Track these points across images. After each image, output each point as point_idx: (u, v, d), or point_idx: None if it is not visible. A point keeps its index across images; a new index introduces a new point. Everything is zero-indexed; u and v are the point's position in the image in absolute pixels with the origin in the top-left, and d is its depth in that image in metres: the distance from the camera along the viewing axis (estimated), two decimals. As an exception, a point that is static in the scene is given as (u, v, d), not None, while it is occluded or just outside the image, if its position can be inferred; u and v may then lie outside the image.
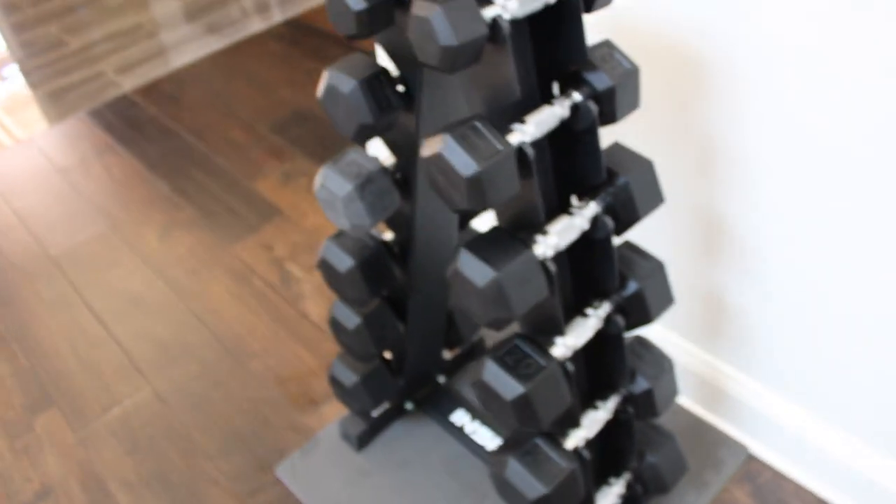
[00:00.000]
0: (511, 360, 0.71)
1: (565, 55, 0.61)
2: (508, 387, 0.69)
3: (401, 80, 0.70)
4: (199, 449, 1.18)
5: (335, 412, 1.21)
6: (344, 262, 0.84)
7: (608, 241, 0.72)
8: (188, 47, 2.21)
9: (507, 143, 0.58)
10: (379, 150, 0.81)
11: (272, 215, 1.60)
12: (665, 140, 0.94)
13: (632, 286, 0.77)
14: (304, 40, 2.19)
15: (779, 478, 1.07)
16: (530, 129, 0.62)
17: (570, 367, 0.74)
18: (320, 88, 0.69)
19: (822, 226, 0.86)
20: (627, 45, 0.80)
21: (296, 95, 1.96)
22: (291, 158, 1.75)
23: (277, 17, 2.29)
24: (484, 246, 0.65)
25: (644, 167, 0.71)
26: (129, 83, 2.10)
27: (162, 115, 1.95)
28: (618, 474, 0.93)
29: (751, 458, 1.09)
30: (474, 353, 1.25)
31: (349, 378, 1.05)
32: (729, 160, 0.90)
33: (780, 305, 0.97)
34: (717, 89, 0.86)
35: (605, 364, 0.82)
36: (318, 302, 1.40)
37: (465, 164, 0.56)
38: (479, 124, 0.58)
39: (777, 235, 0.91)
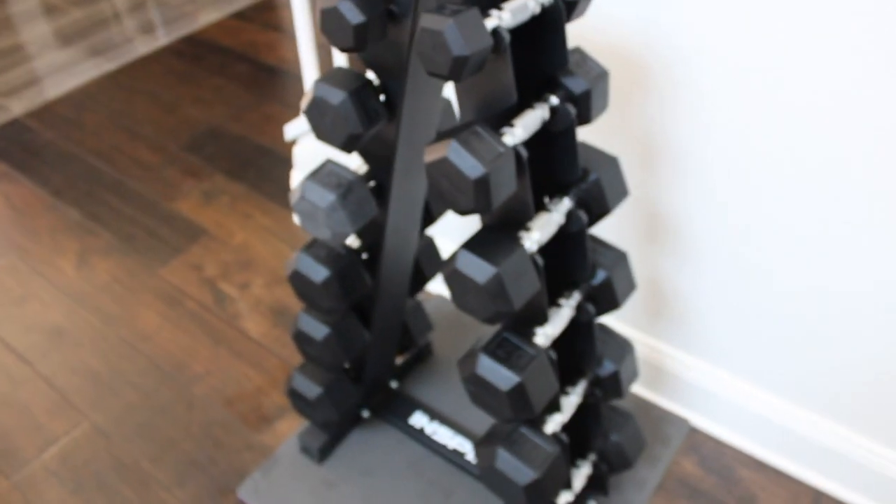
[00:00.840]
0: (502, 352, 0.75)
1: (548, 61, 0.66)
2: (503, 378, 0.73)
3: (382, 90, 0.72)
4: (152, 479, 1.15)
5: (290, 427, 1.20)
6: (319, 272, 0.85)
7: (582, 233, 0.77)
8: (75, 69, 2.12)
9: (505, 146, 0.62)
10: (351, 160, 0.82)
11: (197, 235, 1.56)
12: (609, 136, 1.01)
13: (600, 275, 0.83)
14: (207, 57, 2.14)
15: (720, 445, 1.16)
16: (519, 132, 0.66)
17: (553, 354, 0.79)
18: (305, 101, 0.70)
19: (751, 211, 0.95)
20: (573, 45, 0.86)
21: (205, 113, 1.92)
22: (210, 177, 1.71)
23: (164, 37, 2.22)
24: (480, 245, 0.68)
25: (611, 163, 0.77)
26: (18, 107, 1.99)
27: (61, 138, 1.86)
28: (584, 455, 0.99)
29: (693, 431, 1.18)
30: (422, 356, 1.28)
31: (312, 390, 1.05)
32: (668, 154, 0.98)
33: (712, 286, 1.05)
34: (657, 88, 0.93)
35: (576, 350, 0.87)
36: (257, 319, 1.38)
37: (471, 166, 0.59)
38: (479, 129, 0.62)
39: (709, 222, 1.00)
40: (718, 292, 1.06)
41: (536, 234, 0.72)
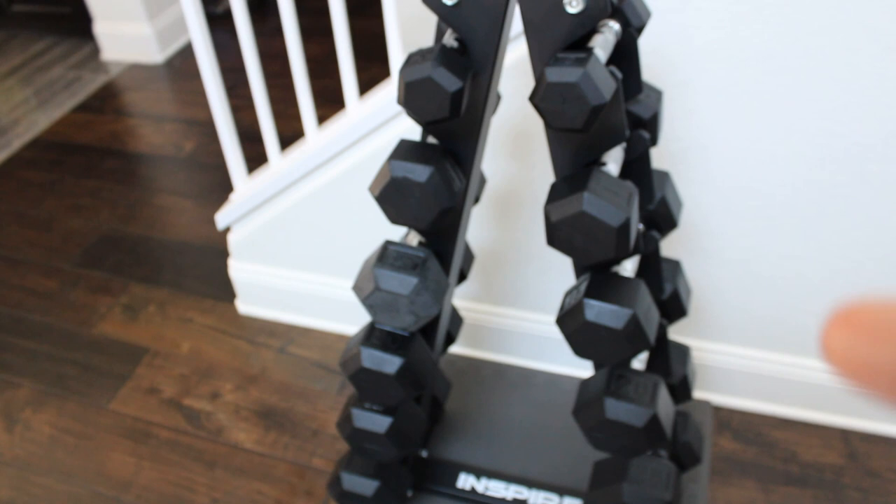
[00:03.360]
0: (624, 389, 0.73)
1: (626, 88, 0.65)
2: (636, 415, 0.71)
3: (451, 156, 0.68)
4: None
5: (332, 531, 1.11)
6: (392, 363, 0.78)
7: (657, 254, 0.77)
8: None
9: (628, 187, 0.60)
10: (411, 238, 0.77)
11: (138, 356, 1.40)
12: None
13: (668, 288, 0.83)
14: (66, 160, 1.93)
15: (746, 416, 1.20)
16: (613, 168, 0.65)
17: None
18: (378, 185, 0.64)
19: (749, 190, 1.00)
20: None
21: (90, 221, 1.73)
22: (124, 289, 1.54)
23: (4, 148, 1.98)
24: (600, 290, 0.66)
25: (666, 178, 0.78)
26: None
27: (-76, 289, 1.60)
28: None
29: (717, 410, 1.22)
30: (435, 417, 1.22)
31: (368, 486, 0.98)
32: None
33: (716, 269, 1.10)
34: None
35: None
36: (244, 427, 1.26)
37: (612, 215, 0.57)
38: (597, 173, 0.60)
39: (715, 210, 1.04)
40: (717, 272, 1.10)
41: (630, 265, 0.71)
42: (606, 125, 0.59)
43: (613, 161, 0.65)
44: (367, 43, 1.70)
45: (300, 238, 1.32)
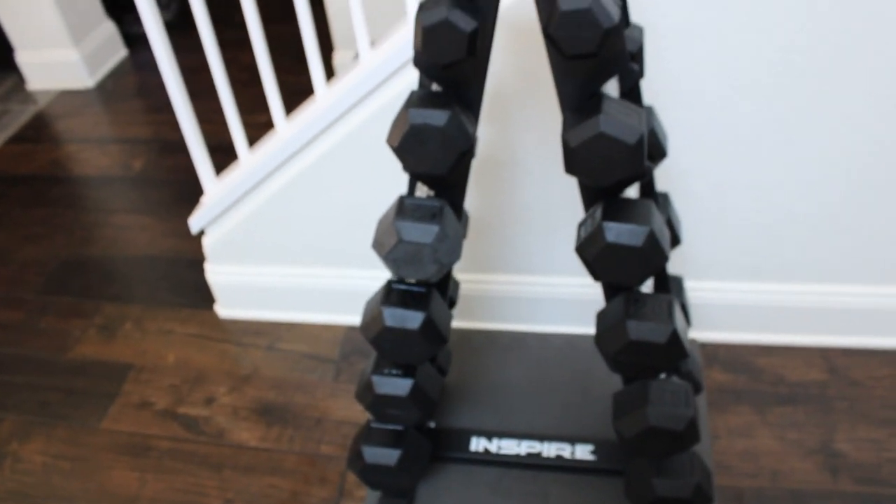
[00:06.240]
0: (642, 310, 0.76)
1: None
2: (658, 332, 0.75)
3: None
4: None
5: (354, 512, 1.11)
6: (415, 318, 0.80)
7: (651, 183, 0.81)
8: None
9: (635, 108, 0.64)
10: (419, 190, 0.79)
11: (123, 373, 1.37)
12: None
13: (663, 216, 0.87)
14: (8, 192, 1.87)
15: (730, 348, 1.26)
16: (615, 95, 0.68)
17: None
18: (397, 135, 0.66)
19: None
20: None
21: (46, 249, 1.68)
22: (96, 310, 1.51)
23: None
24: (616, 214, 0.69)
25: (651, 112, 0.82)
26: None
27: None
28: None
29: (703, 345, 1.28)
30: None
31: (391, 456, 0.98)
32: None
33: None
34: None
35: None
36: (246, 426, 1.25)
37: (629, 133, 0.61)
38: (607, 97, 0.63)
39: (683, 147, 1.09)
40: (689, 209, 1.16)
41: (632, 193, 0.75)
42: (613, 50, 0.62)
43: (612, 92, 0.69)
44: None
45: (277, 232, 1.32)
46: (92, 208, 1.79)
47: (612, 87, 0.74)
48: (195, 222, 1.34)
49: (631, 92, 0.74)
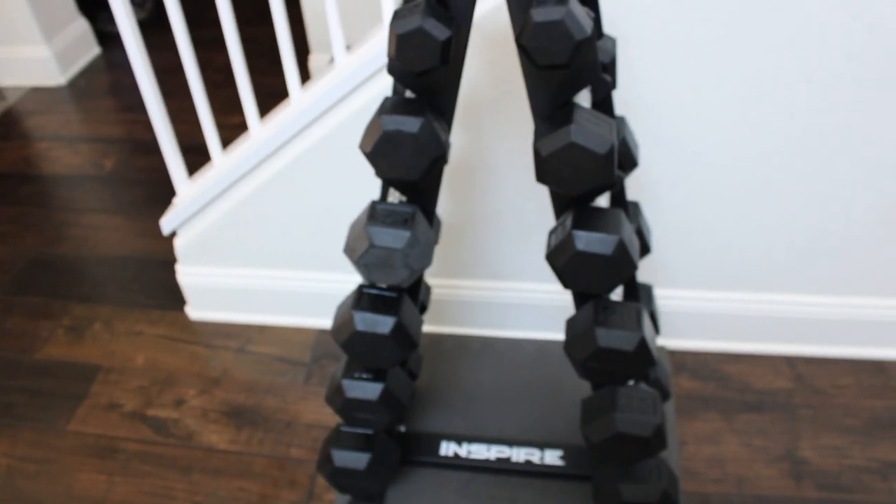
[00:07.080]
0: (611, 318, 0.77)
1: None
2: (626, 340, 0.76)
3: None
4: None
5: (323, 516, 1.11)
6: (385, 323, 0.80)
7: (622, 192, 0.82)
8: None
9: (606, 118, 0.65)
10: (392, 195, 0.79)
11: (91, 374, 1.35)
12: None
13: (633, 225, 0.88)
14: (-25, 191, 1.84)
15: (698, 356, 1.28)
16: (587, 106, 0.69)
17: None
18: (370, 140, 0.67)
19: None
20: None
21: (14, 248, 1.65)
22: (64, 311, 1.49)
23: None
24: (586, 222, 0.70)
25: (623, 122, 0.83)
26: None
27: None
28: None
29: (671, 353, 1.29)
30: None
31: (360, 459, 0.99)
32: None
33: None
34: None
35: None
36: (215, 429, 1.24)
37: (599, 143, 0.62)
38: (579, 108, 0.64)
39: (659, 158, 1.10)
40: (661, 218, 1.17)
41: (603, 202, 0.76)
42: (584, 62, 0.63)
43: (584, 103, 0.70)
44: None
45: (250, 234, 1.32)
46: (62, 207, 1.77)
47: (584, 98, 0.75)
48: (167, 223, 1.33)
49: (603, 102, 0.75)
